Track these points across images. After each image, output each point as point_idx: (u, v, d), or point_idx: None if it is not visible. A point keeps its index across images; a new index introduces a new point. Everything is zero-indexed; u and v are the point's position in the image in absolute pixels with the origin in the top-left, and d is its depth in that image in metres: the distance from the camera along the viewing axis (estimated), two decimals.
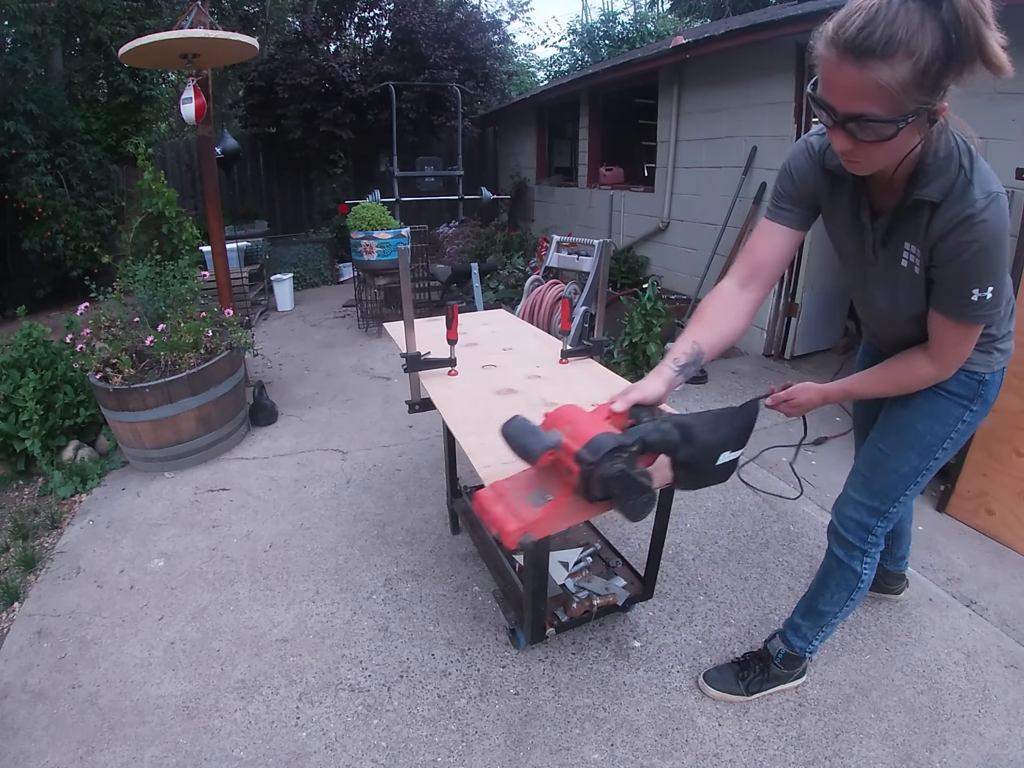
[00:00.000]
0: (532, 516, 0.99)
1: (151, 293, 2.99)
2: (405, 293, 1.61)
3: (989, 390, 1.28)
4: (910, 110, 0.83)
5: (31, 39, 5.09)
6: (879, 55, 0.78)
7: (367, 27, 8.57)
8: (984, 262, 0.98)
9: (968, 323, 1.07)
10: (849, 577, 1.41)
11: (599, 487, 0.95)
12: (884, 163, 0.94)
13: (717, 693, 1.58)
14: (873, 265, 1.16)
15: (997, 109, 2.52)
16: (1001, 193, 0.95)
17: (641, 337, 3.48)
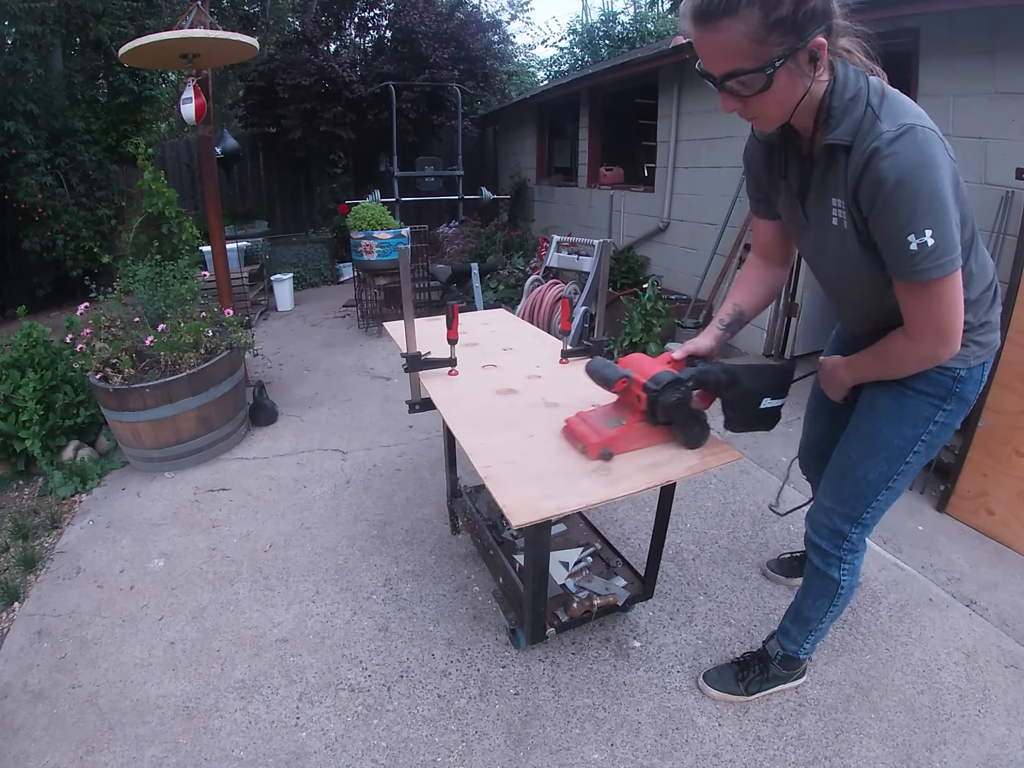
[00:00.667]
0: (610, 434, 1.26)
1: (151, 293, 2.99)
2: (405, 293, 1.61)
3: (965, 387, 1.16)
4: (776, 54, 0.86)
5: (31, 39, 5.08)
6: (725, 13, 0.84)
7: (367, 27, 8.57)
8: (907, 199, 0.89)
9: (922, 281, 0.95)
10: (828, 584, 1.39)
11: (662, 412, 1.20)
12: (778, 112, 0.96)
13: (717, 693, 1.58)
14: (807, 228, 1.13)
15: (997, 109, 2.52)
16: (919, 126, 0.89)
17: (641, 337, 3.48)
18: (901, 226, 0.91)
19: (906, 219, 0.90)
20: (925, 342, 1.04)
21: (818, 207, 1.07)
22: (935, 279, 0.94)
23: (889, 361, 1.14)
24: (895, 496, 1.30)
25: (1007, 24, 2.42)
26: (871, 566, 2.04)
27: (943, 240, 0.91)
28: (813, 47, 0.87)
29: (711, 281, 4.28)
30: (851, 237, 1.03)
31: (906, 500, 2.41)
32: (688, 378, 1.22)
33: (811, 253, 1.20)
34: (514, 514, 1.09)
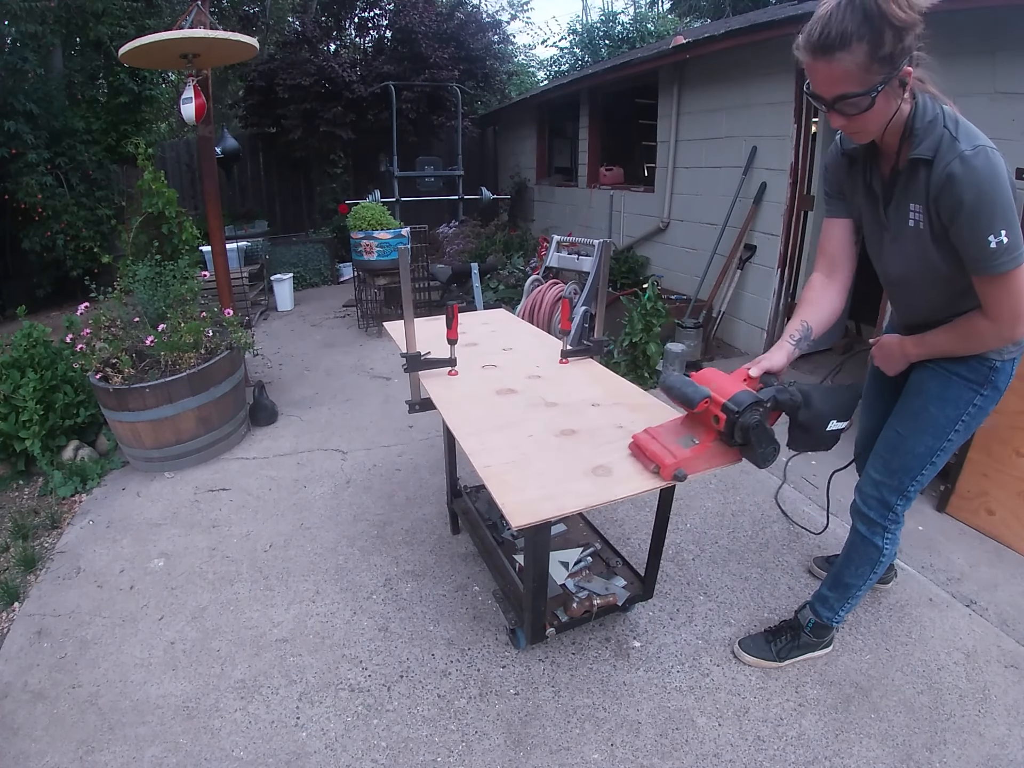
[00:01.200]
0: (684, 454, 1.23)
1: (151, 293, 2.99)
2: (405, 293, 1.61)
3: (999, 376, 1.34)
4: (878, 81, 1.04)
5: (31, 39, 5.08)
6: (839, 47, 1.01)
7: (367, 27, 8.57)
8: (987, 206, 1.06)
9: (1001, 273, 1.11)
10: (872, 551, 1.52)
11: (740, 433, 1.20)
12: (875, 127, 1.13)
13: (752, 659, 1.67)
14: (886, 230, 1.28)
15: (997, 109, 2.52)
16: (990, 147, 1.08)
17: (641, 337, 3.48)
18: (983, 230, 1.08)
19: (987, 224, 1.08)
20: (1003, 323, 1.18)
21: (898, 211, 1.23)
22: (1011, 270, 1.11)
23: (970, 339, 1.26)
24: (934, 472, 1.44)
25: (1007, 24, 2.42)
26: None
27: (1014, 237, 1.08)
28: (903, 75, 1.06)
29: (711, 281, 4.28)
30: (927, 236, 1.19)
31: None
32: (768, 399, 1.23)
33: (884, 251, 1.34)
34: (514, 514, 1.09)
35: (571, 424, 1.43)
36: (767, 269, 3.94)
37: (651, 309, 3.50)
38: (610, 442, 1.35)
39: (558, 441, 1.36)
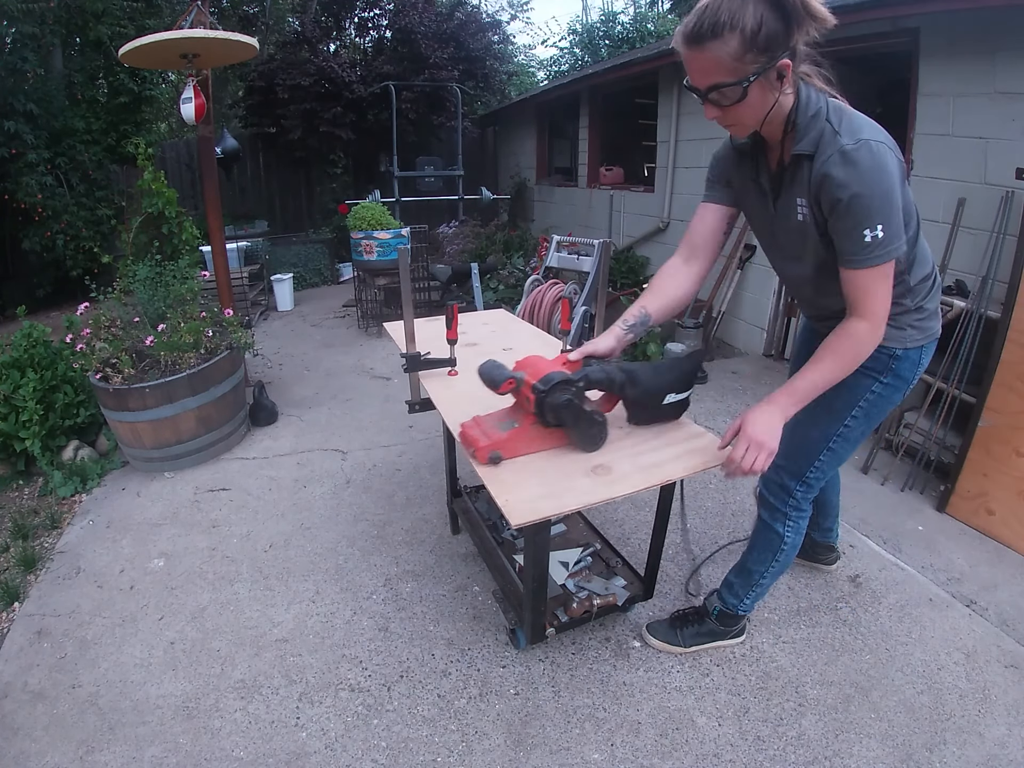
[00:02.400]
0: (500, 437, 1.25)
1: (151, 293, 2.99)
2: (405, 293, 1.61)
3: (901, 365, 1.32)
4: (751, 71, 1.02)
5: (31, 39, 5.08)
6: (711, 37, 1.00)
7: (367, 27, 8.57)
8: (865, 200, 1.05)
9: (870, 267, 1.10)
10: (772, 538, 1.51)
11: (551, 413, 1.21)
12: (751, 120, 1.12)
13: (657, 642, 1.71)
14: (776, 224, 1.28)
15: (997, 109, 2.52)
16: (875, 141, 1.05)
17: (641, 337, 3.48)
18: (859, 222, 1.07)
19: (864, 217, 1.06)
20: (875, 317, 1.15)
21: (786, 205, 1.22)
22: (883, 263, 1.10)
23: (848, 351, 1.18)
24: (837, 461, 1.44)
25: (1007, 24, 2.42)
26: (871, 566, 2.04)
27: (891, 231, 1.07)
28: (780, 67, 1.03)
29: (711, 281, 4.28)
30: (812, 230, 1.18)
31: (906, 500, 2.42)
32: (579, 378, 1.22)
33: (775, 243, 1.35)
34: (513, 514, 1.09)
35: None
36: (767, 269, 3.94)
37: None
38: (610, 441, 1.35)
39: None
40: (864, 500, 2.41)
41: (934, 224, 2.83)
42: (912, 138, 2.93)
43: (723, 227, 1.39)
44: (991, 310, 2.30)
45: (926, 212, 2.85)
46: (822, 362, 1.19)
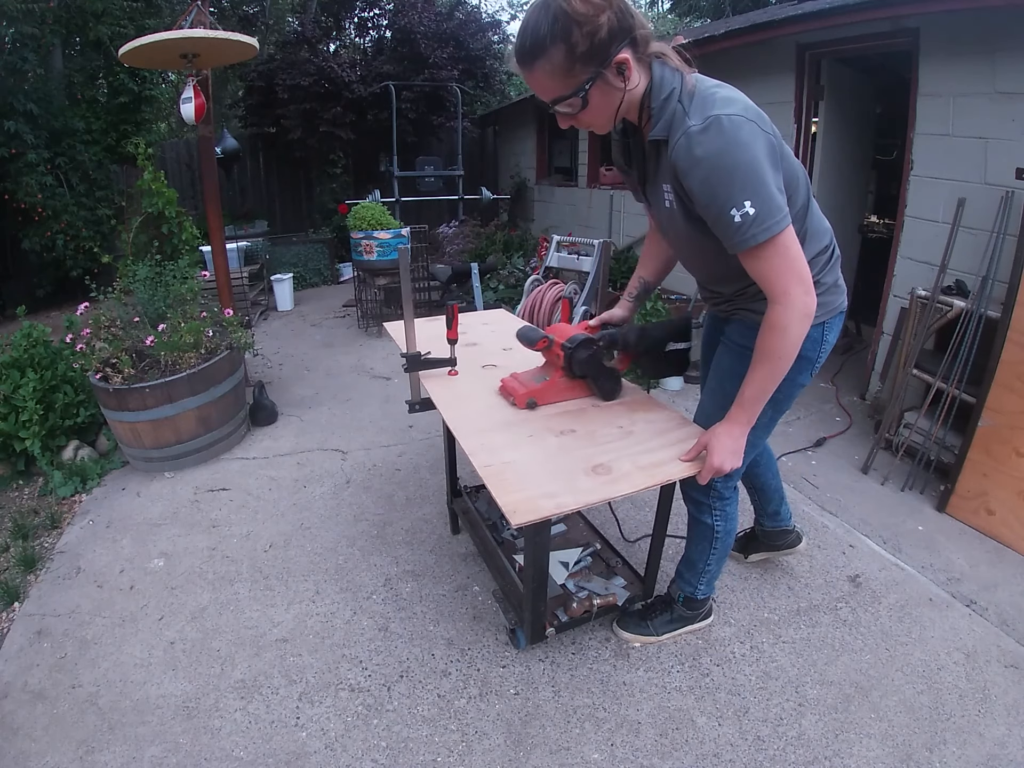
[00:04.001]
0: (535, 387, 1.50)
1: (151, 293, 2.99)
2: (405, 293, 1.61)
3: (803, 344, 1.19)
4: (584, 79, 1.02)
5: (31, 39, 5.08)
6: (537, 56, 1.01)
7: (367, 27, 8.57)
8: (724, 178, 1.00)
9: (753, 246, 1.05)
10: (704, 530, 1.57)
11: (577, 366, 1.45)
12: (602, 119, 1.11)
13: (629, 635, 1.72)
14: (651, 208, 1.29)
15: (997, 109, 2.52)
16: (723, 115, 1.00)
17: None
18: (722, 204, 1.02)
19: (725, 198, 1.01)
20: (786, 296, 1.08)
21: (654, 191, 1.22)
22: (766, 240, 1.03)
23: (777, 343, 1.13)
24: (752, 449, 1.36)
25: (1007, 24, 2.42)
26: (871, 566, 2.04)
27: (764, 206, 1.01)
28: (618, 62, 1.02)
29: None
30: (680, 215, 1.15)
31: (906, 500, 2.42)
32: (600, 337, 1.46)
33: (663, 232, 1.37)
34: (514, 513, 1.09)
35: (570, 424, 1.43)
36: None
37: (651, 309, 3.49)
38: (609, 441, 1.35)
39: (558, 440, 1.36)
40: (864, 500, 2.41)
41: (934, 224, 2.84)
42: (912, 138, 2.93)
43: None
44: (991, 310, 2.30)
45: (926, 212, 2.89)
46: (760, 364, 1.17)
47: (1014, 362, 2.05)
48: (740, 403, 1.22)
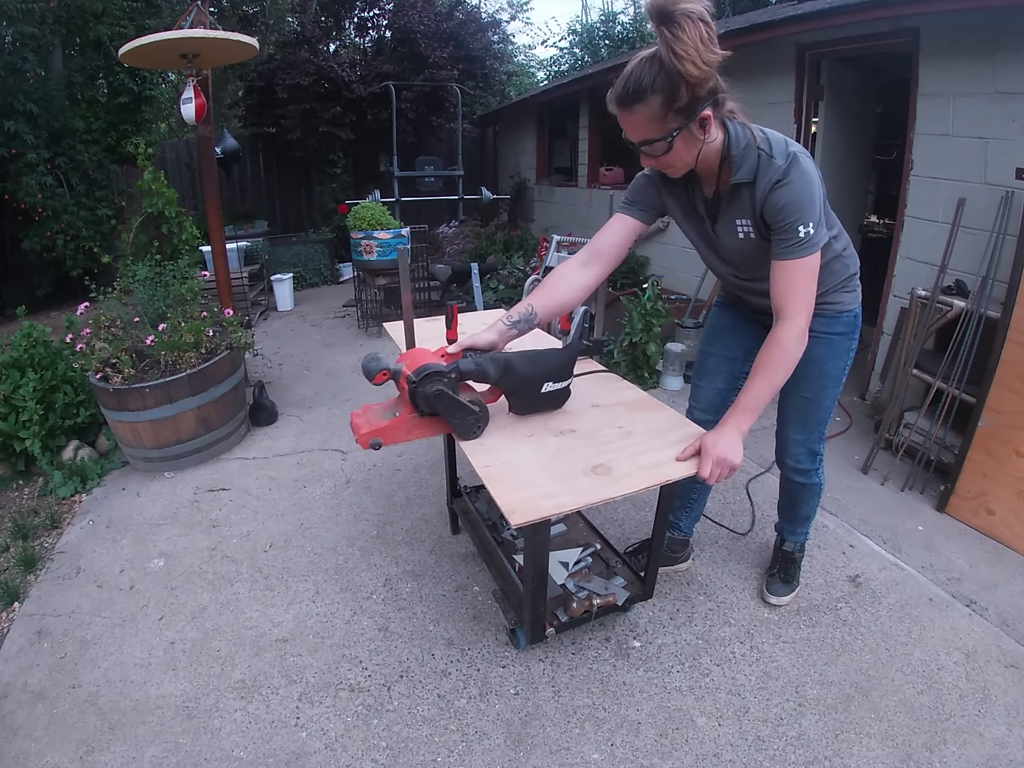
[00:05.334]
0: (380, 425, 1.31)
1: (151, 293, 2.99)
2: (405, 293, 1.61)
3: (859, 321, 1.58)
4: (673, 128, 1.17)
5: (31, 39, 5.08)
6: (637, 100, 1.15)
7: (367, 27, 8.56)
8: (801, 202, 1.21)
9: (800, 257, 1.24)
10: (815, 489, 1.80)
11: (423, 403, 1.27)
12: (681, 164, 1.26)
13: (788, 598, 1.90)
14: (717, 243, 1.44)
15: (997, 109, 2.52)
16: (798, 152, 1.23)
17: (641, 337, 3.48)
18: (795, 222, 1.22)
19: (798, 218, 1.22)
20: (797, 315, 1.26)
21: (726, 227, 1.37)
22: (810, 255, 1.24)
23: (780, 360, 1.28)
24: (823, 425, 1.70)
25: (1007, 24, 2.42)
26: (871, 566, 2.05)
27: (818, 229, 1.24)
28: (701, 118, 1.17)
29: (711, 281, 4.28)
30: (756, 241, 1.34)
31: (906, 500, 2.42)
32: (450, 370, 1.27)
33: (713, 253, 1.50)
34: (513, 513, 1.09)
35: (570, 424, 1.43)
36: None
37: (651, 309, 3.49)
38: (609, 441, 1.35)
39: (557, 440, 1.36)
40: (864, 500, 2.41)
41: (934, 224, 2.84)
42: (912, 138, 2.92)
43: (630, 241, 1.50)
44: (991, 310, 2.30)
45: (926, 212, 2.89)
46: (761, 375, 1.30)
47: (1014, 362, 2.05)
48: (741, 411, 1.32)
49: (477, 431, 1.34)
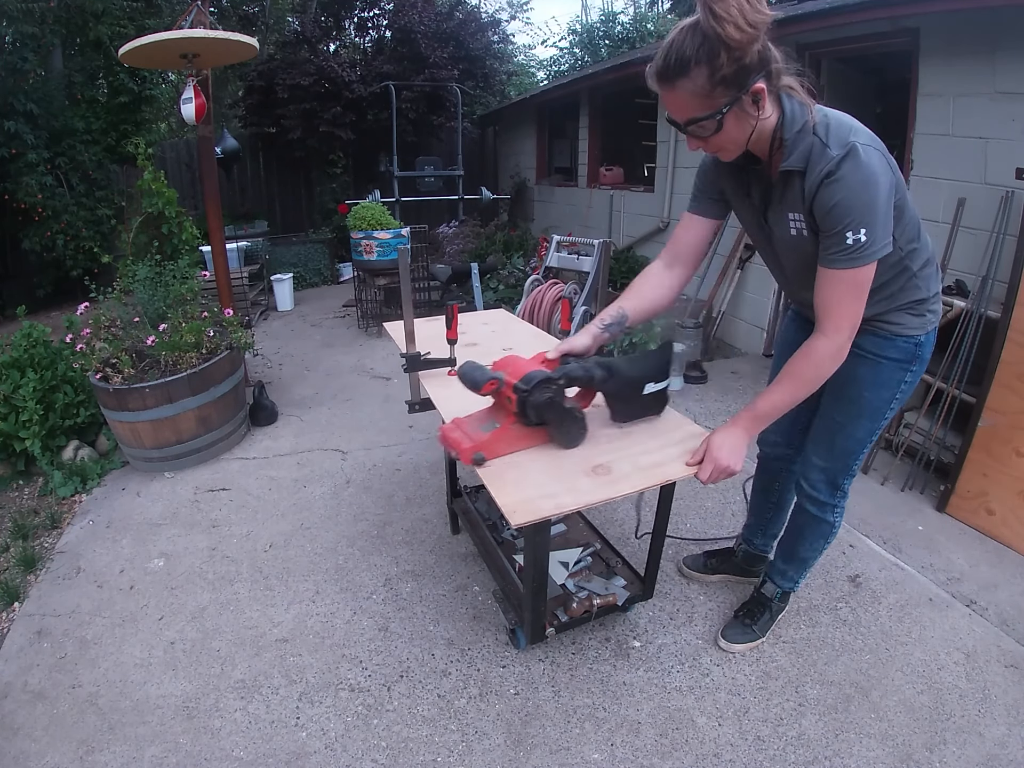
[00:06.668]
0: (482, 438, 1.24)
1: (151, 293, 2.99)
2: (405, 293, 1.61)
3: (925, 350, 1.38)
4: (722, 103, 1.03)
5: (31, 39, 5.08)
6: (679, 74, 1.02)
7: (367, 27, 8.57)
8: (852, 204, 1.06)
9: (850, 268, 1.11)
10: (824, 528, 1.59)
11: (533, 412, 1.20)
12: (733, 145, 1.13)
13: (741, 646, 1.72)
14: (771, 236, 1.29)
15: (997, 109, 2.52)
16: (860, 144, 1.06)
17: (641, 337, 3.48)
18: (845, 225, 1.08)
19: (848, 220, 1.08)
20: (840, 335, 1.16)
21: (778, 219, 1.24)
22: (861, 266, 1.11)
23: (807, 375, 1.21)
24: (871, 446, 1.51)
25: (1007, 24, 2.42)
26: (871, 566, 2.04)
27: (873, 235, 1.08)
28: (754, 92, 1.04)
29: (711, 281, 4.28)
30: (810, 240, 1.19)
31: (906, 500, 2.42)
32: (559, 376, 1.22)
33: (771, 251, 1.37)
34: (513, 513, 1.09)
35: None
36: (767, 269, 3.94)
37: None
38: (609, 441, 1.35)
39: None
40: (864, 500, 2.41)
41: (934, 224, 2.83)
42: (912, 138, 2.93)
43: (708, 238, 1.42)
44: (991, 310, 2.30)
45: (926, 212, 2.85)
46: (785, 384, 1.23)
47: (1014, 362, 2.05)
48: (754, 414, 1.27)
49: (581, 439, 1.30)
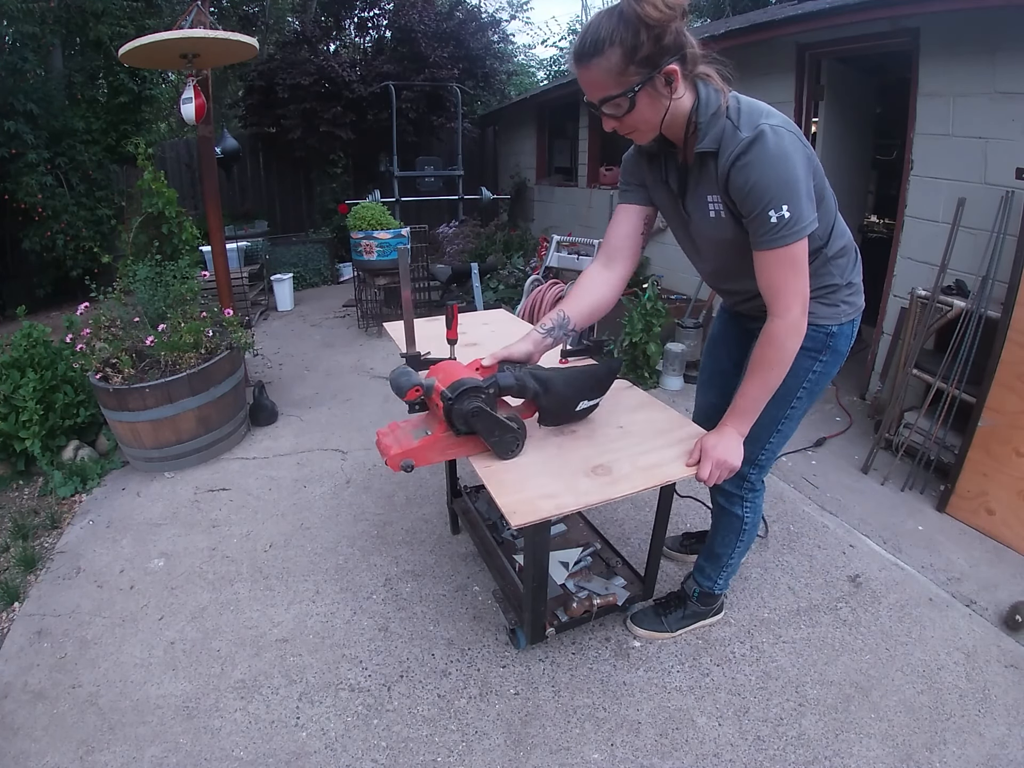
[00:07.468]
0: (411, 445, 1.24)
1: (151, 293, 2.99)
2: (405, 293, 1.61)
3: (838, 341, 1.37)
4: (635, 82, 1.07)
5: (31, 39, 5.08)
6: (594, 54, 1.06)
7: (367, 27, 8.56)
8: (768, 184, 1.08)
9: (780, 247, 1.12)
10: (733, 521, 1.59)
11: (460, 421, 1.19)
12: (646, 126, 1.15)
13: (644, 631, 1.74)
14: (689, 222, 1.31)
15: (997, 109, 2.52)
16: (770, 126, 1.08)
17: (641, 337, 3.48)
18: (765, 204, 1.10)
19: (768, 199, 1.09)
20: (789, 311, 1.17)
21: (696, 203, 1.25)
22: (790, 243, 1.12)
23: (774, 357, 1.21)
24: (784, 439, 1.48)
25: (1007, 24, 2.42)
26: (871, 566, 2.05)
27: (796, 211, 1.09)
28: (667, 73, 1.07)
29: None
30: (728, 223, 1.21)
31: (906, 500, 2.42)
32: (488, 384, 1.19)
33: (689, 240, 1.38)
34: (513, 514, 1.09)
35: (570, 424, 1.43)
36: None
37: (651, 309, 3.49)
38: (609, 442, 1.35)
39: (558, 441, 1.36)
40: (864, 500, 2.41)
41: (934, 224, 2.84)
42: (912, 138, 2.92)
43: (640, 227, 1.41)
44: (991, 310, 2.30)
45: (926, 212, 2.89)
46: (755, 374, 1.24)
47: (1014, 362, 2.05)
48: (737, 414, 1.28)
49: (516, 449, 1.26)
